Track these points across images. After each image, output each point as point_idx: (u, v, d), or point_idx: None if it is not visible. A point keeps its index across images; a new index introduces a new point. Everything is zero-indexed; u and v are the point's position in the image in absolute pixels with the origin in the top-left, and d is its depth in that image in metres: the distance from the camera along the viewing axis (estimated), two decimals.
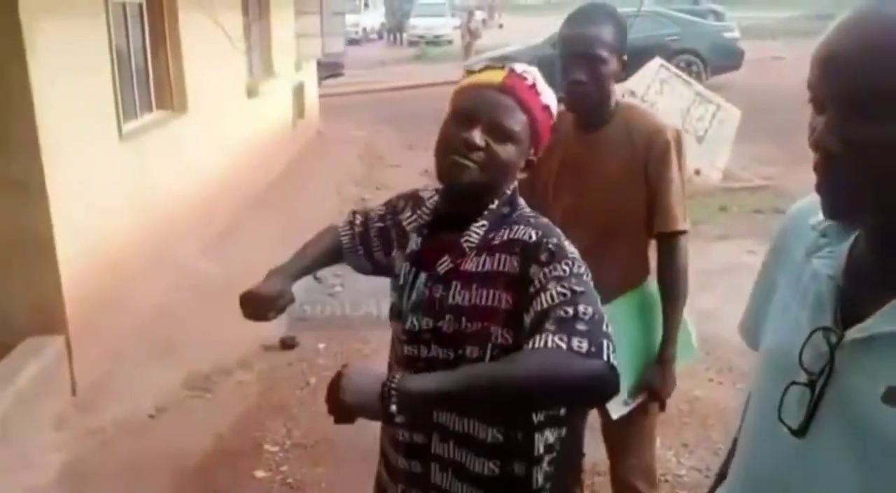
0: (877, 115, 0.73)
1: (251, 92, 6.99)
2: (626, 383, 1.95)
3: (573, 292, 1.16)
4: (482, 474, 1.31)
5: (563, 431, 1.39)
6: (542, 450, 1.33)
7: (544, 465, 1.35)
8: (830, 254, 0.88)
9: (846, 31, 0.76)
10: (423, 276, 1.34)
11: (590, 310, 1.14)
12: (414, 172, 8.78)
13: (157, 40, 4.93)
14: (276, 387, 3.88)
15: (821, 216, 0.87)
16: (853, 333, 0.81)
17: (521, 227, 1.28)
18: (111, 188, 4.01)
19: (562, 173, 2.01)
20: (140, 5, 4.72)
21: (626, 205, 1.95)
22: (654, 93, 7.48)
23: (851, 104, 0.75)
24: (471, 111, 1.27)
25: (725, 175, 7.54)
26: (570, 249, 1.25)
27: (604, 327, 1.13)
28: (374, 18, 26.59)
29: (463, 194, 1.30)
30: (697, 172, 7.29)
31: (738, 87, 11.20)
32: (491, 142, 1.26)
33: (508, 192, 1.33)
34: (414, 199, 1.48)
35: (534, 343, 1.10)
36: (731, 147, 7.60)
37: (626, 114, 1.96)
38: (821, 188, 0.81)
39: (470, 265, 1.28)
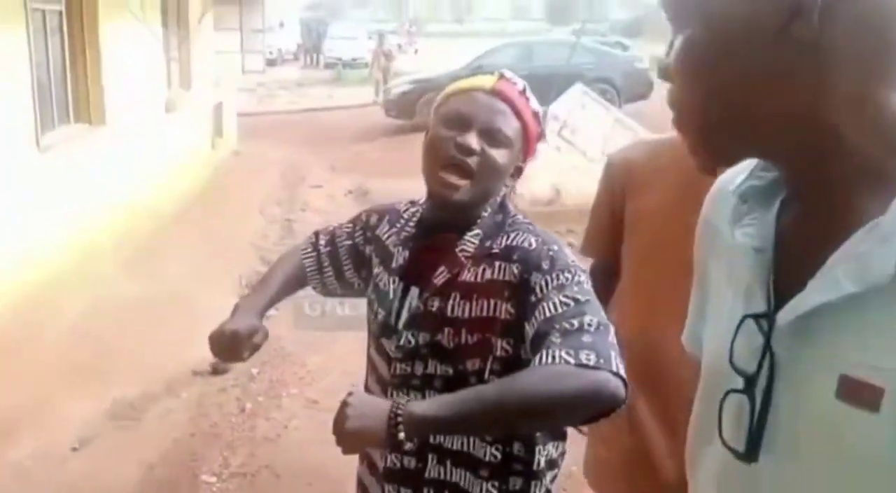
0: (681, 27, 0.68)
1: (170, 107, 6.75)
2: None
3: (577, 301, 1.13)
4: None
5: (565, 445, 1.36)
6: (542, 464, 1.29)
7: (546, 481, 1.31)
8: (754, 221, 0.73)
9: None
10: (414, 290, 1.29)
11: (595, 320, 1.11)
12: (338, 192, 8.67)
13: (77, 50, 4.70)
14: (208, 414, 3.69)
15: (739, 179, 0.75)
16: (785, 314, 0.66)
17: (520, 234, 1.25)
18: (29, 201, 3.76)
19: (670, 220, 1.51)
20: (60, 13, 4.48)
21: None
22: (575, 117, 7.68)
23: (671, 20, 0.70)
24: (464, 115, 1.24)
25: None
26: (571, 256, 1.23)
27: (609, 337, 1.11)
28: (289, 39, 26.30)
29: (454, 208, 1.26)
30: None
31: (649, 114, 11.67)
32: (486, 146, 1.22)
33: (499, 199, 1.30)
34: (389, 212, 1.43)
35: (541, 358, 1.08)
36: None
37: None
38: (675, 123, 0.72)
39: (468, 276, 1.24)
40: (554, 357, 1.06)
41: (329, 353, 4.37)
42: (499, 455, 1.25)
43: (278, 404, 3.80)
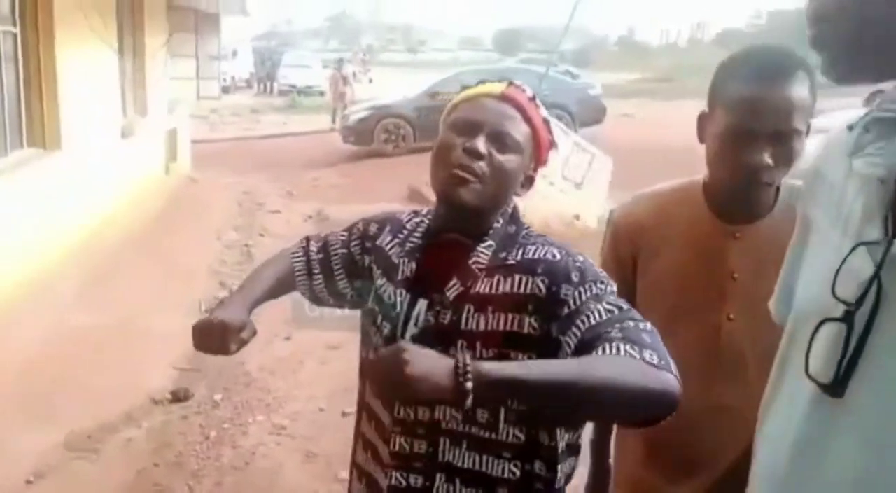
0: None
1: (126, 132, 6.62)
2: None
3: (620, 308, 1.10)
4: None
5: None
6: (563, 482, 1.25)
7: None
8: (880, 151, 0.70)
9: None
10: (422, 302, 1.24)
11: (648, 324, 1.08)
12: (297, 218, 8.59)
13: (32, 73, 4.58)
14: (171, 443, 3.57)
15: (863, 112, 0.73)
16: None
17: (539, 246, 1.22)
18: None
19: (691, 285, 1.38)
20: (15, 35, 4.37)
21: None
22: None
23: None
24: (473, 120, 1.21)
25: (601, 220, 7.92)
26: (597, 267, 1.20)
27: (661, 342, 1.07)
28: (242, 67, 26.18)
29: (464, 212, 1.22)
30: (577, 218, 7.62)
31: (602, 139, 11.91)
32: (494, 151, 1.20)
33: (510, 209, 1.27)
34: (390, 222, 1.38)
35: (604, 351, 1.02)
36: (606, 194, 8.02)
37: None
38: (814, 43, 0.69)
39: (482, 287, 1.20)
40: (618, 349, 1.01)
41: (294, 378, 4.29)
42: (518, 472, 1.20)
43: (244, 432, 3.70)
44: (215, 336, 1.18)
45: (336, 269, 1.40)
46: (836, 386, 0.66)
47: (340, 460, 3.47)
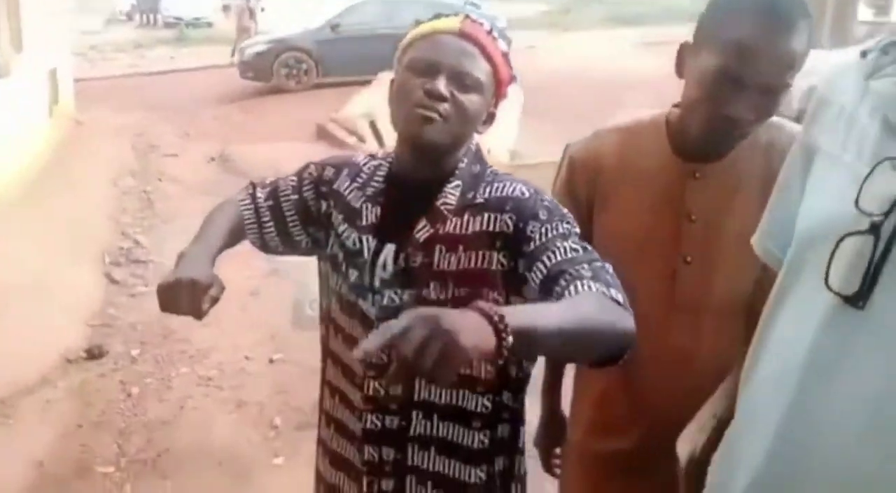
0: None
1: (1, 71, 6.08)
2: None
3: (585, 249, 1.12)
4: (472, 446, 1.25)
5: None
6: (524, 411, 1.31)
7: (525, 427, 1.32)
8: None
9: None
10: (389, 247, 1.22)
11: (609, 267, 1.09)
12: (198, 160, 8.21)
13: None
14: (92, 402, 3.44)
15: (877, 40, 0.76)
16: None
17: (507, 184, 1.21)
18: None
19: (655, 228, 1.31)
20: None
21: (769, 273, 1.06)
22: None
23: None
24: (431, 60, 1.17)
25: (513, 154, 7.99)
26: (563, 208, 1.20)
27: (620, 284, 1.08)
28: None
29: (428, 153, 1.20)
30: (489, 152, 7.65)
31: None
32: (456, 92, 1.16)
33: (473, 148, 1.26)
34: (347, 165, 1.34)
35: (577, 288, 1.02)
36: (517, 127, 8.07)
37: (765, 132, 1.26)
38: None
39: (452, 227, 1.19)
40: (590, 288, 1.01)
41: (217, 328, 4.16)
42: (490, 406, 1.23)
43: (169, 386, 3.61)
44: (185, 297, 1.09)
45: (288, 216, 1.35)
46: (859, 297, 0.67)
47: (273, 405, 3.45)
